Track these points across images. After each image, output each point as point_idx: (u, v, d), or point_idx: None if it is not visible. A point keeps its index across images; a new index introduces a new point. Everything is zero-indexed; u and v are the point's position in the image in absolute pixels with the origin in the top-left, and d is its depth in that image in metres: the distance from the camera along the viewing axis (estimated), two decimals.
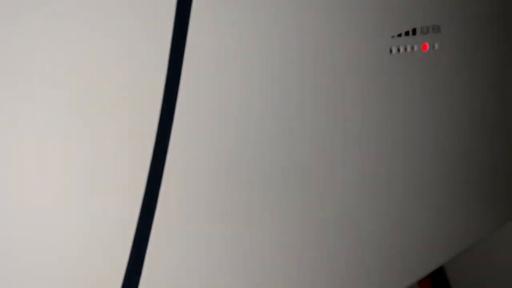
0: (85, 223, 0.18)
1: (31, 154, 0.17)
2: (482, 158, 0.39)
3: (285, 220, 0.24)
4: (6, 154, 0.16)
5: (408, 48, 0.29)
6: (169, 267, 0.21)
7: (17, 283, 0.17)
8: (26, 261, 0.17)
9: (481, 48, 0.35)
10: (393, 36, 0.28)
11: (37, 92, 0.17)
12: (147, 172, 0.19)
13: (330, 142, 0.26)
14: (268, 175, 0.23)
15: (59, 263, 0.18)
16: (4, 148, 0.16)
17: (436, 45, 0.31)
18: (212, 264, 0.22)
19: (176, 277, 0.21)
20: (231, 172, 0.22)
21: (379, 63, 0.28)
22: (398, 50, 0.29)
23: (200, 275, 0.22)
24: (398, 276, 0.33)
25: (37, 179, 0.17)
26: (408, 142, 0.31)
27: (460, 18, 0.32)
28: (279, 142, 0.23)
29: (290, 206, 0.24)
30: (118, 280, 0.19)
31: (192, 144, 0.21)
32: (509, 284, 0.57)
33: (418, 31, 0.30)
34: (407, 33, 0.29)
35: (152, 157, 0.19)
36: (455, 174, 0.36)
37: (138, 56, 0.19)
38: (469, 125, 0.36)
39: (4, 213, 0.16)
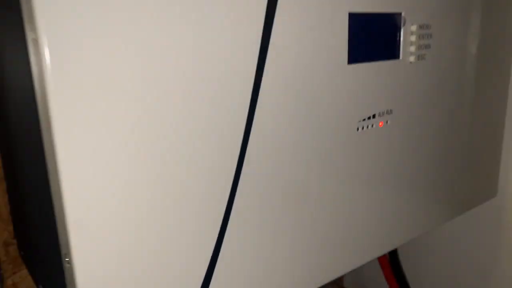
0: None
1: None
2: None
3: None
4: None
5: (369, 126, 0.46)
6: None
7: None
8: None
9: (423, 120, 0.51)
10: (359, 121, 0.44)
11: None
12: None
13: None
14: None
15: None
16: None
17: (389, 122, 0.47)
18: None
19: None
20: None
21: (351, 137, 0.44)
22: (363, 127, 0.45)
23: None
24: (364, 251, 0.49)
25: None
26: (373, 187, 0.47)
27: (406, 102, 0.48)
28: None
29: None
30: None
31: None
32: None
33: (376, 115, 0.46)
34: (369, 117, 0.45)
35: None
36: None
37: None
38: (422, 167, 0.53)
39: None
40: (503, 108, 0.65)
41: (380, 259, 0.77)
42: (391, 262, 0.78)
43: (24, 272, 0.62)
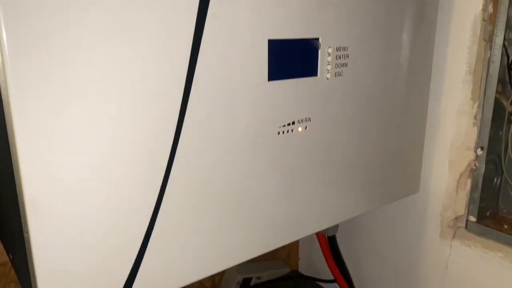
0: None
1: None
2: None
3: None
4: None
5: (290, 131, 0.55)
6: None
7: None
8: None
9: (342, 126, 0.61)
10: (280, 126, 0.54)
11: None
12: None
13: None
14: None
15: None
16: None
17: (307, 127, 0.57)
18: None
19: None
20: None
21: (273, 141, 0.53)
22: (283, 132, 0.54)
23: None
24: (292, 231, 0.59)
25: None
26: (295, 180, 0.57)
27: (324, 111, 0.58)
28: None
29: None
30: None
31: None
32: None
33: (295, 121, 0.55)
34: (289, 124, 0.55)
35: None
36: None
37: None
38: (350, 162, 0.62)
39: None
40: (424, 114, 0.75)
41: (322, 244, 0.87)
42: (331, 248, 0.88)
43: (1, 246, 0.70)
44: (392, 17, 0.63)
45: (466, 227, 0.76)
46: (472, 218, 0.75)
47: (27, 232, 0.38)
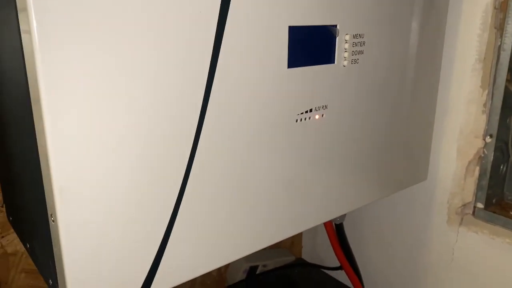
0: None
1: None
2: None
3: None
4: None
5: (307, 119, 0.55)
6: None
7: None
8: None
9: (357, 113, 0.61)
10: (298, 114, 0.54)
11: None
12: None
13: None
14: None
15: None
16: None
17: (324, 115, 0.57)
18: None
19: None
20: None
21: (291, 128, 0.53)
22: (301, 120, 0.54)
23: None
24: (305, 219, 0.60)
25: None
26: (312, 167, 0.57)
27: (341, 99, 0.58)
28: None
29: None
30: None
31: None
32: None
33: (313, 109, 0.55)
34: (306, 111, 0.55)
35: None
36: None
37: None
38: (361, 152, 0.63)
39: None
40: (433, 102, 0.75)
41: (329, 232, 0.88)
42: (338, 235, 0.88)
43: (11, 236, 0.70)
44: (404, 5, 0.63)
45: (473, 213, 0.77)
46: (480, 205, 0.76)
47: (54, 220, 0.38)
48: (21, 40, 0.36)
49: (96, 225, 0.40)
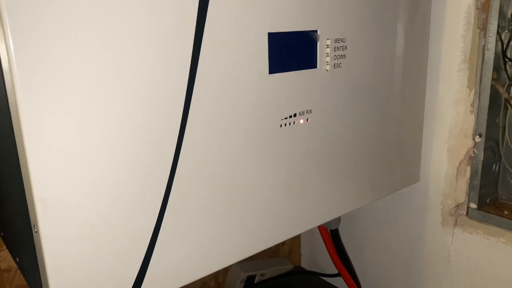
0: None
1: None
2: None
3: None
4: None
5: (292, 123, 0.55)
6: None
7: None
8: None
9: (343, 117, 0.61)
10: (282, 119, 0.54)
11: None
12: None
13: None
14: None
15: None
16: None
17: (309, 119, 0.57)
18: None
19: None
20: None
21: (275, 133, 0.54)
22: (286, 124, 0.55)
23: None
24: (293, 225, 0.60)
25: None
26: (299, 172, 0.57)
27: (325, 103, 0.58)
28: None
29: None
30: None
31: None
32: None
33: (297, 114, 0.55)
34: (290, 116, 0.55)
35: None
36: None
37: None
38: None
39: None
40: (421, 103, 0.75)
41: (324, 238, 0.88)
42: (334, 241, 0.88)
43: (4, 252, 0.70)
44: (386, 7, 0.63)
45: (467, 214, 0.77)
46: (473, 205, 0.76)
47: (37, 231, 0.38)
48: None
49: (79, 236, 0.40)
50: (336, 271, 0.92)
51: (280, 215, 0.57)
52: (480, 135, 0.73)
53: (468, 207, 0.77)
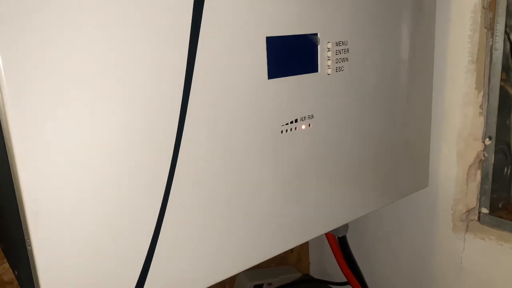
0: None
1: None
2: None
3: None
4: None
5: (293, 129, 0.54)
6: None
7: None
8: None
9: (346, 122, 0.60)
10: (283, 125, 0.53)
11: None
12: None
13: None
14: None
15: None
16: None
17: (311, 125, 0.55)
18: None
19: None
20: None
21: (277, 140, 0.52)
22: (286, 130, 0.53)
23: None
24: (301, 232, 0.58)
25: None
26: (303, 179, 0.56)
27: (327, 107, 0.57)
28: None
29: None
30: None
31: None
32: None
33: (298, 119, 0.54)
34: (291, 122, 0.54)
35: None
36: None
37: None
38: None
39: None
40: (428, 106, 0.73)
41: (332, 246, 0.86)
42: (341, 248, 0.86)
43: (7, 264, 0.69)
44: (389, 9, 0.62)
45: (478, 219, 0.75)
46: (485, 210, 0.73)
47: (30, 245, 0.37)
48: None
49: (73, 250, 0.39)
50: (345, 279, 0.90)
51: (284, 222, 0.56)
52: (490, 138, 0.71)
53: (479, 212, 0.74)
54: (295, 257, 1.10)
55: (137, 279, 0.44)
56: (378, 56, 0.62)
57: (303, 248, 1.11)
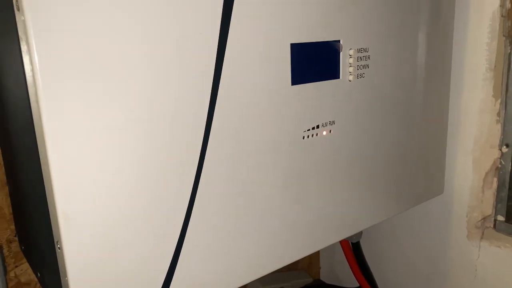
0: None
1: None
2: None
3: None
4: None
5: (315, 135, 0.54)
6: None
7: None
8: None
9: (366, 128, 0.60)
10: (304, 130, 0.53)
11: None
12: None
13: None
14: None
15: None
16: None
17: (331, 131, 0.56)
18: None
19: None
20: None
21: (298, 145, 0.53)
22: (308, 136, 0.54)
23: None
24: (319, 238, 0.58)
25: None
26: (322, 185, 0.56)
27: (348, 114, 0.57)
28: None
29: None
30: None
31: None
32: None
33: (320, 125, 0.54)
34: (313, 128, 0.54)
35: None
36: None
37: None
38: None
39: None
40: (445, 113, 0.74)
41: (346, 251, 0.86)
42: (355, 254, 0.86)
43: (25, 265, 0.70)
44: (409, 16, 0.62)
45: (494, 227, 0.75)
46: (501, 218, 0.73)
47: (60, 247, 0.38)
48: (23, 67, 0.36)
49: (103, 252, 0.40)
50: (356, 285, 0.90)
51: (300, 229, 0.56)
52: (507, 145, 0.71)
53: (495, 220, 0.74)
54: (306, 262, 1.10)
55: (162, 283, 0.44)
56: (397, 63, 0.62)
57: (314, 253, 1.11)
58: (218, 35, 0.43)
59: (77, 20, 0.35)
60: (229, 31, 0.44)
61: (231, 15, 0.43)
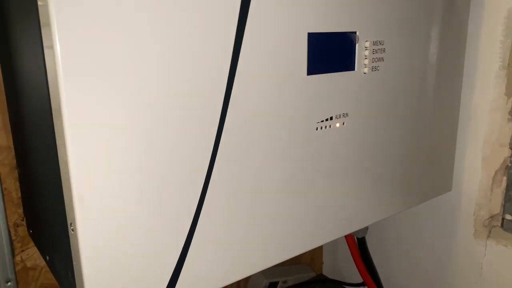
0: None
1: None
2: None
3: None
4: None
5: (328, 127, 0.54)
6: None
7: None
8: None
9: (378, 122, 0.60)
10: (318, 122, 0.53)
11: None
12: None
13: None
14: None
15: None
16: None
17: (345, 123, 0.55)
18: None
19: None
20: None
21: (311, 136, 0.52)
22: (321, 128, 0.53)
23: None
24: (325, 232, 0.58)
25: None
26: (332, 177, 0.56)
27: (362, 106, 0.57)
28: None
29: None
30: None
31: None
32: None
33: (333, 117, 0.54)
34: (327, 119, 0.54)
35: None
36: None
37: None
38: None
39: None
40: (456, 110, 0.73)
41: (351, 247, 0.86)
42: (360, 250, 0.86)
43: (31, 250, 0.70)
44: (424, 11, 0.62)
45: (502, 226, 0.74)
46: (509, 217, 0.73)
47: (74, 229, 0.38)
48: (44, 58, 0.36)
49: (116, 235, 0.40)
50: (360, 280, 0.90)
51: (307, 222, 0.55)
52: None
53: (503, 219, 0.74)
54: (309, 256, 1.10)
55: (172, 270, 0.44)
56: (411, 58, 0.62)
57: (317, 248, 1.11)
58: (237, 22, 0.43)
59: (100, 11, 0.35)
60: (247, 20, 0.43)
61: (250, 3, 0.43)
